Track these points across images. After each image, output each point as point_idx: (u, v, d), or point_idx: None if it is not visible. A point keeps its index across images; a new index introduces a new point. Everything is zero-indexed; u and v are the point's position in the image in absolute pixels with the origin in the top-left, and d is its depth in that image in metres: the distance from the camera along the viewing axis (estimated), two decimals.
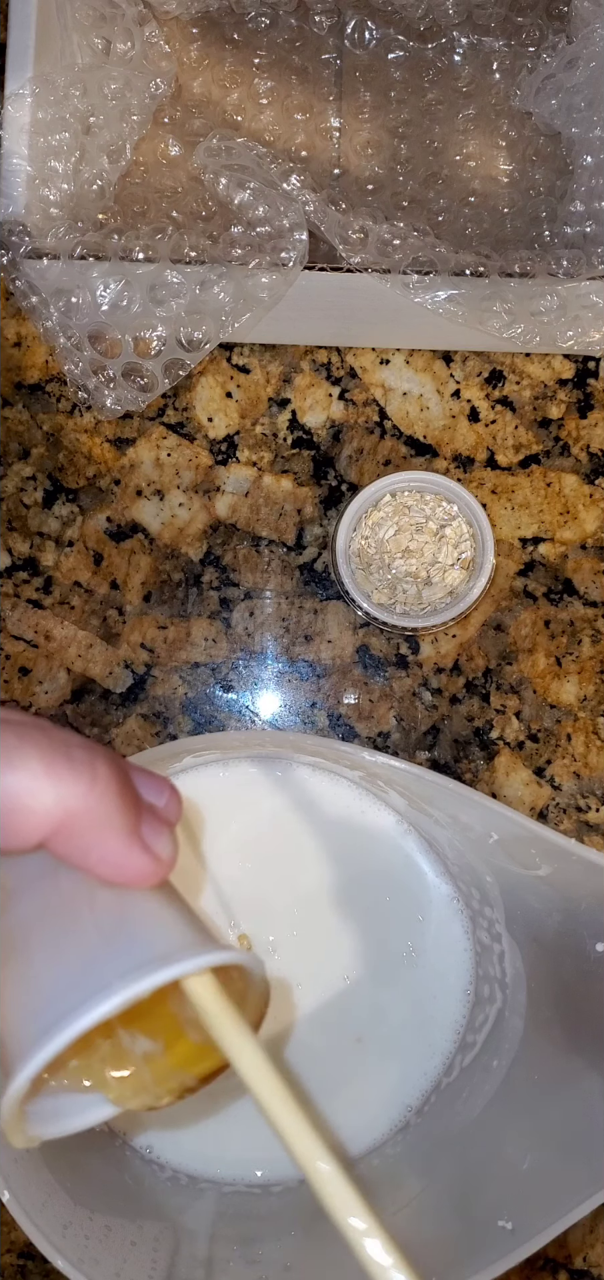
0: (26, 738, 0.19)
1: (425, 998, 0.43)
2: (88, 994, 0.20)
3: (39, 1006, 0.20)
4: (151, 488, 0.50)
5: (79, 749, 0.20)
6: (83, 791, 0.19)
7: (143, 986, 0.20)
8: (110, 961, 0.20)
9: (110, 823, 0.20)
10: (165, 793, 0.23)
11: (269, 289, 0.44)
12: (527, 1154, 0.36)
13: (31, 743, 0.19)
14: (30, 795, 0.18)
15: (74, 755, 0.19)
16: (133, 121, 0.48)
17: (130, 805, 0.21)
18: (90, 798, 0.19)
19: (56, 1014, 0.20)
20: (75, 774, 0.19)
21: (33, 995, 0.21)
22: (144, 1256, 0.35)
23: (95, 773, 0.19)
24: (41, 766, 0.19)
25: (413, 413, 0.50)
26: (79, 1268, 0.32)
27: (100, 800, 0.19)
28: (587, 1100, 0.36)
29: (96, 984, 0.20)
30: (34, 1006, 0.20)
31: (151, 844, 0.21)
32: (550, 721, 0.50)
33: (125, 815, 0.20)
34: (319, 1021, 0.43)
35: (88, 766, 0.19)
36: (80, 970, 0.20)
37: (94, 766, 0.20)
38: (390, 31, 0.51)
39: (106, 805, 0.20)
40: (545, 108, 0.49)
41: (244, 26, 0.52)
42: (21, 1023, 0.20)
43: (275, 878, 0.44)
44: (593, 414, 0.51)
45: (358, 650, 0.50)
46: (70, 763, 0.19)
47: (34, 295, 0.45)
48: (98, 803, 0.19)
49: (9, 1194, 0.32)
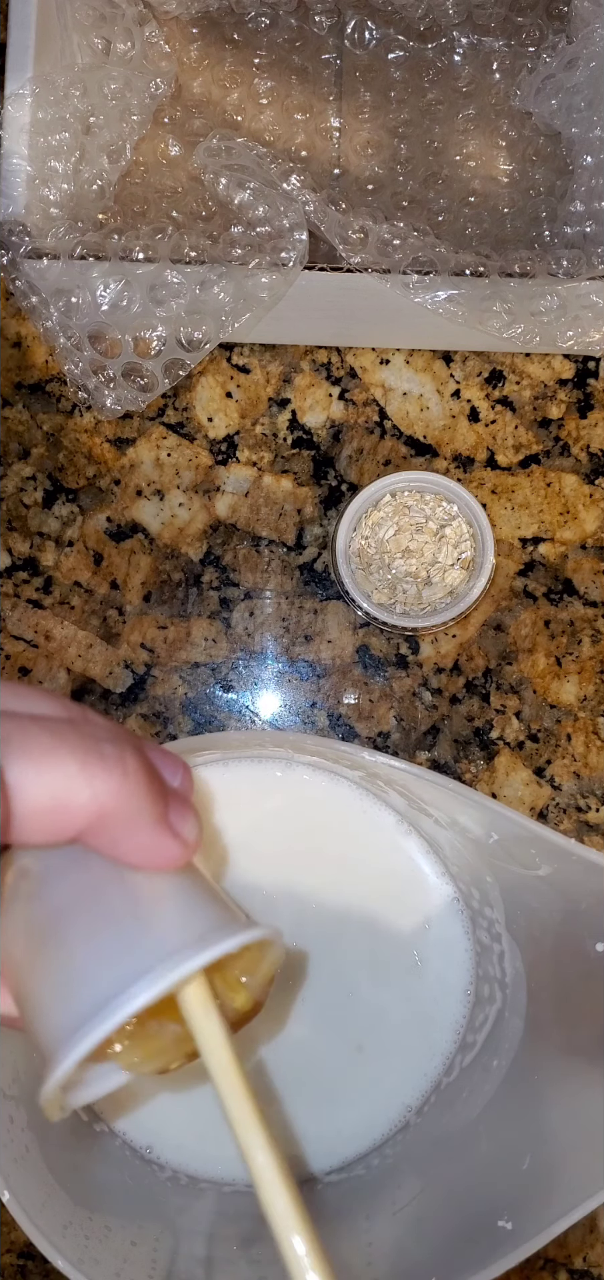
0: (60, 736, 0.19)
1: (425, 998, 0.43)
2: (130, 979, 0.20)
3: (79, 993, 0.21)
4: (151, 488, 0.50)
5: (109, 743, 0.20)
6: (115, 788, 0.20)
7: (183, 970, 0.21)
8: (148, 946, 0.21)
9: (141, 814, 0.20)
10: (180, 772, 0.23)
11: (269, 289, 0.44)
12: (527, 1154, 0.36)
13: (65, 742, 0.19)
14: (67, 794, 0.19)
15: (105, 751, 0.20)
16: (133, 121, 0.48)
17: (158, 794, 0.21)
18: (122, 793, 0.20)
19: (99, 999, 0.20)
20: (107, 771, 0.20)
21: (72, 982, 0.21)
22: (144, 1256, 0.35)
23: (125, 767, 0.20)
24: (76, 766, 0.19)
25: (413, 413, 0.50)
26: (79, 1268, 0.32)
27: (131, 794, 0.20)
28: (587, 1100, 0.36)
29: (138, 969, 0.20)
30: (73, 993, 0.21)
31: (179, 828, 0.22)
32: (550, 721, 0.50)
33: (154, 804, 0.21)
34: (319, 1022, 0.43)
35: (118, 762, 0.20)
36: (119, 956, 0.21)
37: (124, 761, 0.20)
38: (390, 31, 0.52)
39: (137, 798, 0.20)
40: (545, 108, 0.49)
41: (244, 26, 0.52)
42: (60, 1009, 0.21)
43: (275, 878, 0.44)
44: (593, 414, 0.51)
45: (358, 650, 0.50)
46: (102, 759, 0.20)
47: (34, 295, 0.45)
48: (129, 797, 0.20)
49: (9, 1194, 0.32)
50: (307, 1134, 0.42)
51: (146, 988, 0.20)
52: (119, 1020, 0.20)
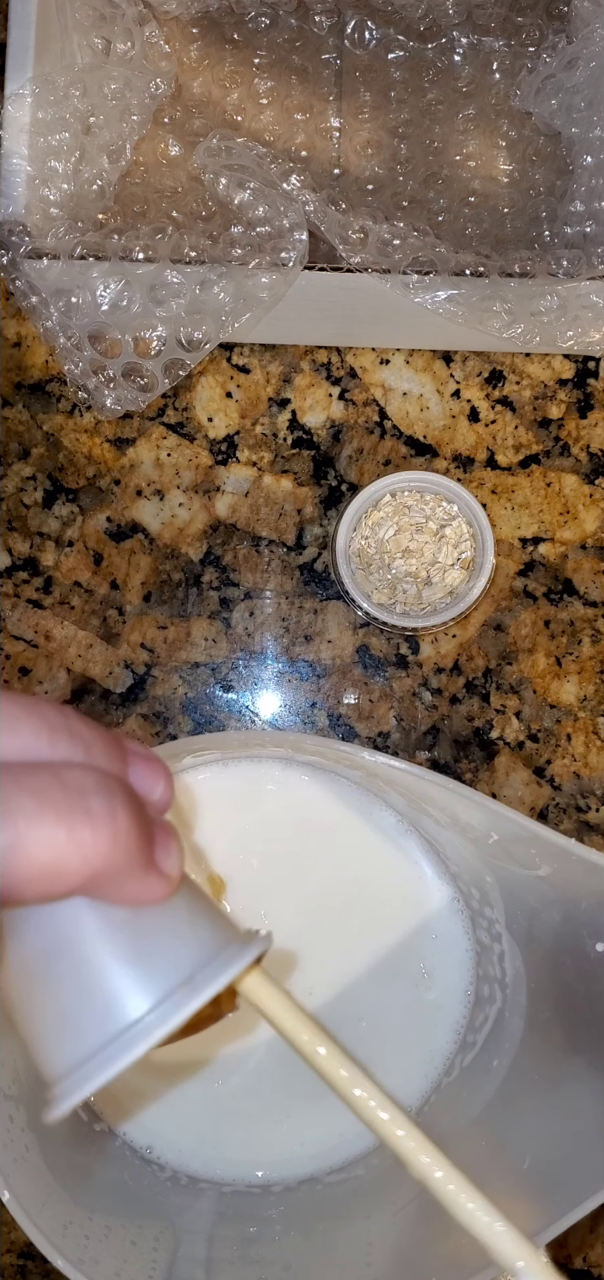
0: (45, 799, 0.18)
1: (426, 998, 0.43)
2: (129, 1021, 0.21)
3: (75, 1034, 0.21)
4: (151, 488, 0.50)
5: (96, 795, 0.19)
6: (105, 851, 0.19)
7: (185, 1013, 0.21)
8: (151, 982, 0.21)
9: (130, 868, 0.20)
10: (161, 781, 0.23)
11: (269, 289, 0.44)
12: (527, 1154, 0.36)
13: (51, 807, 0.18)
14: (56, 864, 0.18)
15: (93, 809, 0.19)
16: (133, 121, 0.48)
17: (145, 840, 0.20)
18: (112, 855, 0.19)
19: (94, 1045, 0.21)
20: (96, 834, 0.19)
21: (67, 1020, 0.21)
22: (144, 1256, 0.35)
23: (116, 827, 0.19)
24: (64, 833, 0.18)
25: (413, 413, 0.50)
26: (79, 1268, 0.32)
27: (122, 852, 0.19)
28: (587, 1100, 0.36)
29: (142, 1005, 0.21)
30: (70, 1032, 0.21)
31: (163, 866, 0.21)
32: (550, 721, 0.50)
33: (142, 853, 0.20)
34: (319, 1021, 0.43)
35: (108, 821, 0.19)
36: (120, 991, 0.21)
37: (114, 820, 0.19)
38: (390, 31, 0.51)
39: (128, 854, 0.20)
40: (545, 108, 0.49)
41: (244, 26, 0.52)
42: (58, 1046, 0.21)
43: (275, 878, 0.44)
44: (593, 414, 0.51)
45: (358, 650, 0.50)
46: (91, 821, 0.19)
47: (34, 295, 0.45)
48: (120, 855, 0.19)
49: (9, 1194, 0.32)
50: (307, 1134, 0.42)
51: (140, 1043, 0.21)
52: (121, 1069, 0.21)
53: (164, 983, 0.21)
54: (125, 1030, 0.21)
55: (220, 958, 0.22)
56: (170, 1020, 0.21)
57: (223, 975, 0.22)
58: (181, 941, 0.22)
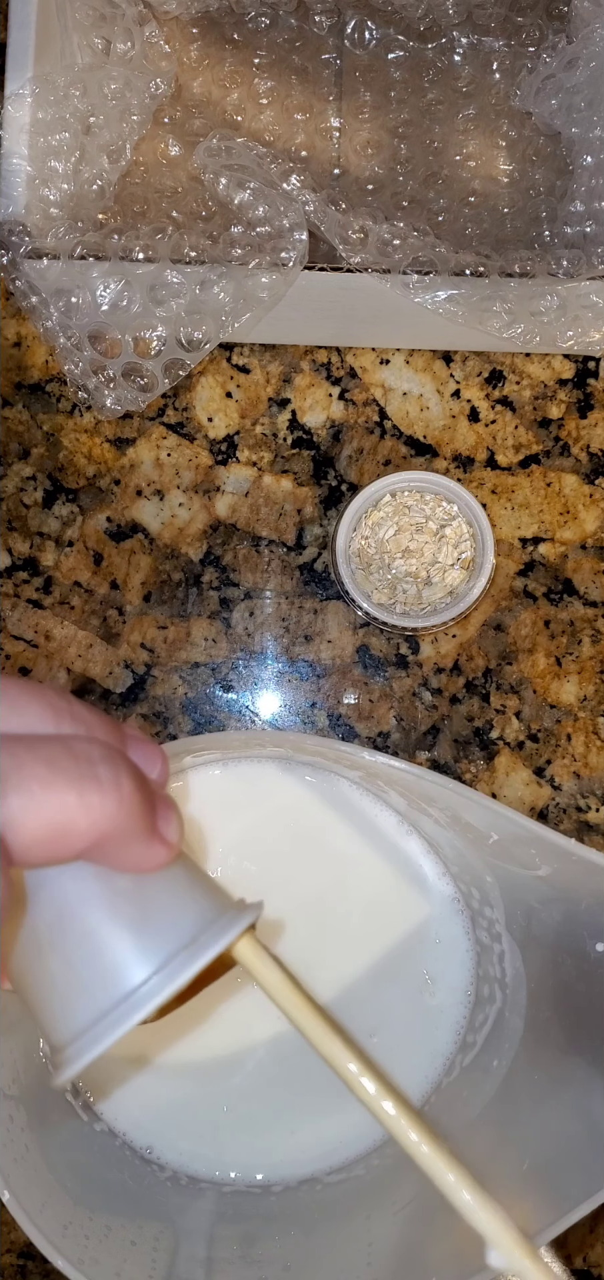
0: (56, 765, 0.19)
1: (426, 998, 0.43)
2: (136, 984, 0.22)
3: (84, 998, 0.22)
4: (151, 488, 0.50)
5: (103, 764, 0.20)
6: (112, 813, 0.20)
7: (189, 974, 0.22)
8: (155, 946, 0.22)
9: (134, 831, 0.21)
10: (158, 763, 0.24)
11: (269, 289, 0.44)
12: (527, 1154, 0.36)
13: (61, 772, 0.19)
14: (65, 825, 0.19)
15: (100, 775, 0.20)
16: (133, 121, 0.48)
17: (148, 807, 0.22)
18: (118, 817, 0.20)
19: (103, 1007, 0.22)
20: (104, 798, 0.20)
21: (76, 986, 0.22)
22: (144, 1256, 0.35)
23: (121, 792, 0.20)
24: (74, 796, 0.19)
25: (413, 413, 0.50)
26: (79, 1268, 0.32)
27: (127, 816, 0.20)
28: (587, 1100, 0.36)
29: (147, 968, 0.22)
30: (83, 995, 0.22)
31: (165, 833, 0.22)
32: (550, 721, 0.50)
33: (146, 819, 0.21)
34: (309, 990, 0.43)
35: (114, 787, 0.20)
36: (126, 956, 0.22)
37: (120, 785, 0.20)
38: (390, 31, 0.52)
39: (132, 818, 0.21)
40: (545, 108, 0.49)
41: (244, 26, 0.52)
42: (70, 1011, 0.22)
43: (275, 878, 0.44)
44: (593, 414, 0.51)
45: (358, 650, 0.50)
46: (99, 786, 0.20)
47: (34, 295, 0.45)
48: (125, 819, 0.20)
49: (9, 1194, 0.32)
50: (308, 1134, 0.42)
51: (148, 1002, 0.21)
52: (128, 1028, 0.21)
53: (167, 946, 0.22)
54: (132, 992, 0.22)
55: (219, 922, 0.23)
56: (175, 981, 0.22)
57: (222, 938, 0.23)
58: (182, 907, 0.23)
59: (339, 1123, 0.42)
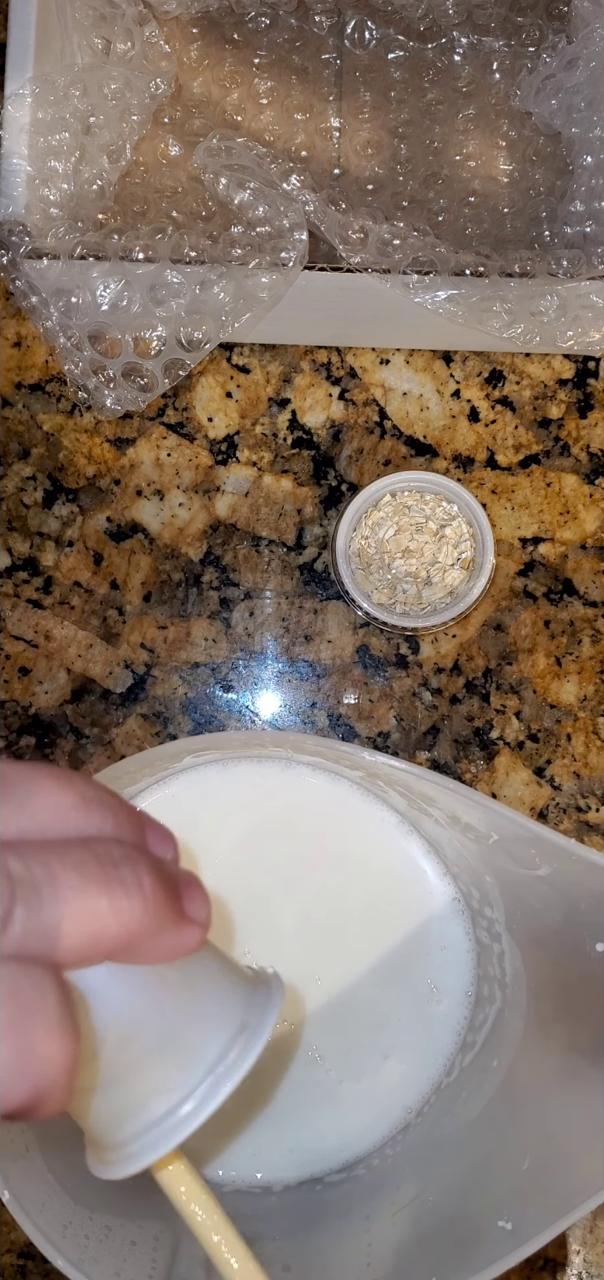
0: (86, 873, 0.20)
1: (426, 998, 0.43)
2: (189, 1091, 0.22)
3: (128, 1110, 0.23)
4: (151, 488, 0.50)
5: (125, 866, 0.21)
6: (139, 914, 0.21)
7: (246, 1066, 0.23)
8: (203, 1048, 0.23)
9: (163, 925, 0.21)
10: (171, 845, 0.24)
11: (269, 289, 0.44)
12: (527, 1154, 0.36)
13: (92, 880, 0.20)
14: (99, 933, 0.20)
15: (125, 878, 0.21)
16: (133, 121, 0.48)
17: (174, 895, 0.22)
18: (146, 916, 0.21)
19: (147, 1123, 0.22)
20: (130, 900, 0.20)
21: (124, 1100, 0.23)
22: (144, 1256, 0.35)
23: (144, 890, 0.21)
24: (106, 902, 0.20)
25: (413, 413, 0.50)
26: (79, 1268, 0.32)
27: (154, 913, 0.21)
28: (587, 1100, 0.36)
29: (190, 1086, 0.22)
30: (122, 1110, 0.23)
31: (194, 915, 0.23)
32: (550, 721, 0.50)
33: (173, 908, 0.22)
34: (320, 1023, 0.43)
35: (138, 887, 0.21)
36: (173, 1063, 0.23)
37: (142, 884, 0.21)
38: (390, 31, 0.52)
39: (159, 913, 0.21)
40: (545, 108, 0.49)
41: (244, 26, 0.52)
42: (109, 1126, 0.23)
43: (276, 878, 0.44)
44: (593, 414, 0.51)
45: (358, 650, 0.50)
46: (125, 889, 0.20)
47: (34, 295, 0.45)
48: (153, 916, 0.21)
49: (9, 1194, 0.32)
50: (308, 1135, 0.42)
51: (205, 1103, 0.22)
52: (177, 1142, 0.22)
53: (226, 1030, 0.23)
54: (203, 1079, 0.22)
55: (260, 992, 0.24)
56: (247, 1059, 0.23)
57: (272, 1010, 0.24)
58: (230, 985, 0.24)
59: (339, 1123, 0.42)
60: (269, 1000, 0.25)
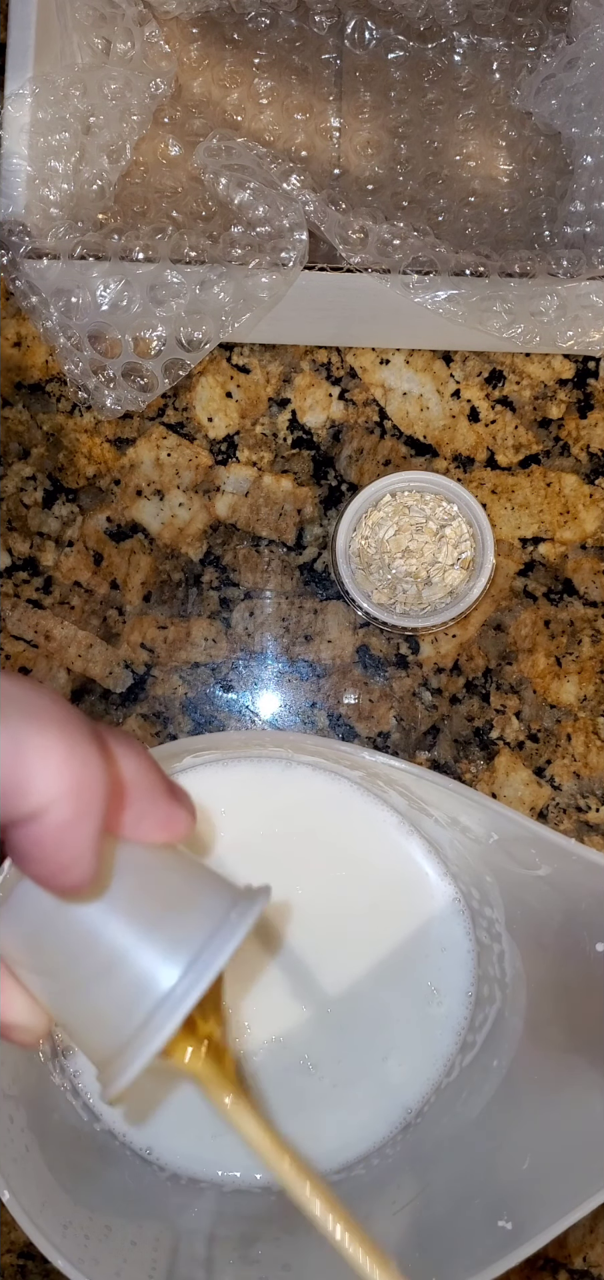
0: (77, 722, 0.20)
1: (426, 999, 0.43)
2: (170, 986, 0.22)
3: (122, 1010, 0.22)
4: (151, 488, 0.50)
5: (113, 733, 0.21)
6: (134, 762, 0.21)
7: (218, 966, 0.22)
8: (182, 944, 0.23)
9: (157, 786, 0.22)
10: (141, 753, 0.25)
11: (269, 289, 0.44)
12: (527, 1154, 0.36)
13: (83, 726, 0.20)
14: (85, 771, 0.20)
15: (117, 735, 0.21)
16: (133, 121, 0.48)
17: (162, 771, 0.23)
18: (140, 766, 0.22)
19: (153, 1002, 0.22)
20: (123, 748, 0.21)
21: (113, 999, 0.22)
22: (144, 1256, 0.35)
23: (134, 745, 0.22)
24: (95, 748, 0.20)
25: (413, 413, 0.50)
26: (79, 1268, 0.32)
27: (148, 768, 0.22)
28: (587, 1100, 0.36)
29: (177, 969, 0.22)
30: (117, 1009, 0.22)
31: (184, 800, 0.23)
32: (550, 721, 0.50)
33: (164, 777, 0.23)
34: (320, 1023, 0.43)
35: (128, 741, 0.22)
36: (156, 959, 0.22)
37: (130, 740, 0.22)
38: (390, 31, 0.51)
39: (152, 771, 0.22)
40: (545, 108, 0.49)
41: (244, 26, 0.52)
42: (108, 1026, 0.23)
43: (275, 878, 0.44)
44: (593, 414, 0.51)
45: (358, 650, 0.50)
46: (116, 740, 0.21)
47: (34, 295, 0.45)
48: (146, 770, 0.22)
49: (9, 1194, 0.32)
50: (308, 1135, 0.42)
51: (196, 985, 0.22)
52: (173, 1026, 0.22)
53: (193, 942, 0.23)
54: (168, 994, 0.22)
55: (237, 908, 0.24)
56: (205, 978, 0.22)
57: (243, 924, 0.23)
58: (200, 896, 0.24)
59: (339, 1123, 0.42)
60: (255, 896, 0.25)
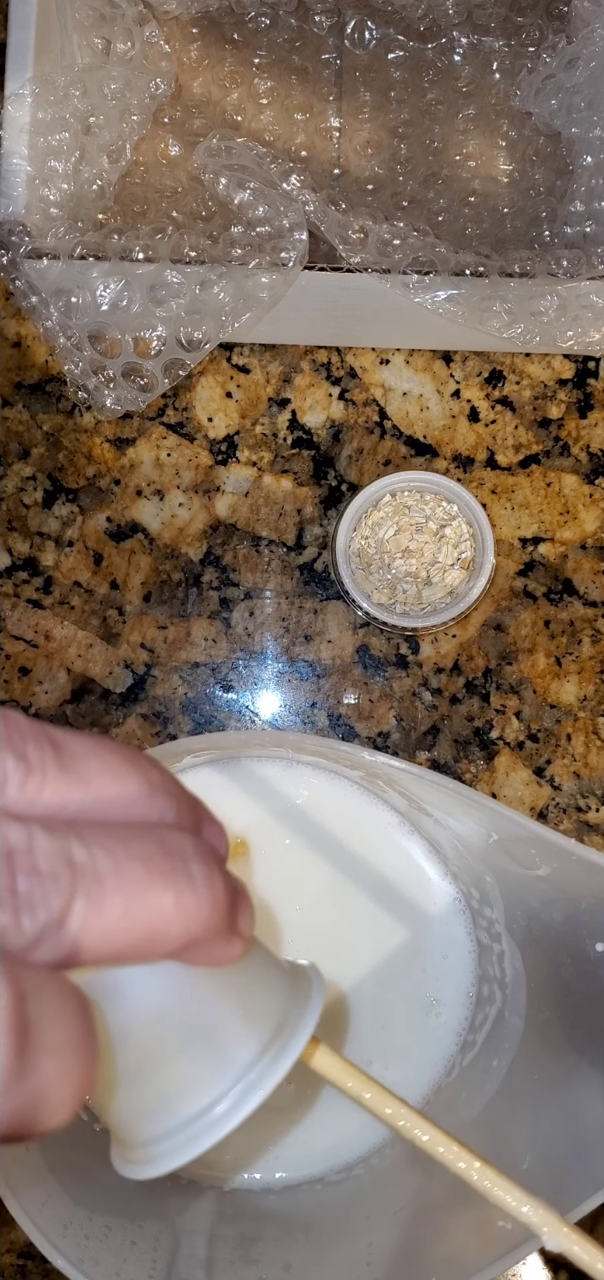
0: (153, 866, 0.18)
1: (427, 999, 0.43)
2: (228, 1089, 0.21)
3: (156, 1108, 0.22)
4: (151, 488, 0.50)
5: (197, 862, 0.19)
6: (205, 917, 0.19)
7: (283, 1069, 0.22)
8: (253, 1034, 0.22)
9: (219, 933, 0.20)
10: (225, 839, 0.23)
11: (269, 289, 0.44)
12: (527, 1154, 0.36)
13: (159, 874, 0.18)
14: (159, 932, 0.18)
15: (194, 876, 0.19)
16: (133, 121, 0.48)
17: (232, 905, 0.21)
18: (210, 922, 0.19)
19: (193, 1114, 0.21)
20: (198, 902, 0.19)
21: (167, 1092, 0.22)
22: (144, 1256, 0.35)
23: (214, 895, 0.19)
24: (171, 899, 0.18)
25: (413, 413, 0.50)
26: (79, 1268, 0.32)
27: (218, 920, 0.20)
28: (587, 1100, 0.36)
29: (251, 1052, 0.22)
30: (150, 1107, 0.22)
31: (243, 929, 0.21)
32: (550, 721, 0.50)
33: (231, 918, 0.20)
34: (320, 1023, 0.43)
35: (208, 889, 0.19)
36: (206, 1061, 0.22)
37: (213, 887, 0.19)
38: (390, 31, 0.51)
39: (221, 920, 0.20)
40: (545, 108, 0.49)
41: (244, 26, 0.52)
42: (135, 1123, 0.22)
43: (275, 879, 0.44)
44: (593, 414, 0.51)
45: (358, 650, 0.50)
46: (193, 889, 0.19)
47: (34, 295, 0.45)
48: (216, 923, 0.20)
49: (9, 1194, 0.32)
50: (308, 1134, 0.42)
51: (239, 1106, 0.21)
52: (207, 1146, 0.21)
53: (263, 1033, 0.22)
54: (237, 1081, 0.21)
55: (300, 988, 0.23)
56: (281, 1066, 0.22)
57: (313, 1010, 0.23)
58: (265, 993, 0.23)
59: (339, 1123, 0.42)
60: (309, 999, 0.24)
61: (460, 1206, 0.37)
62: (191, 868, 0.19)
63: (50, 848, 0.17)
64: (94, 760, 0.19)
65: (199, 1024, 0.21)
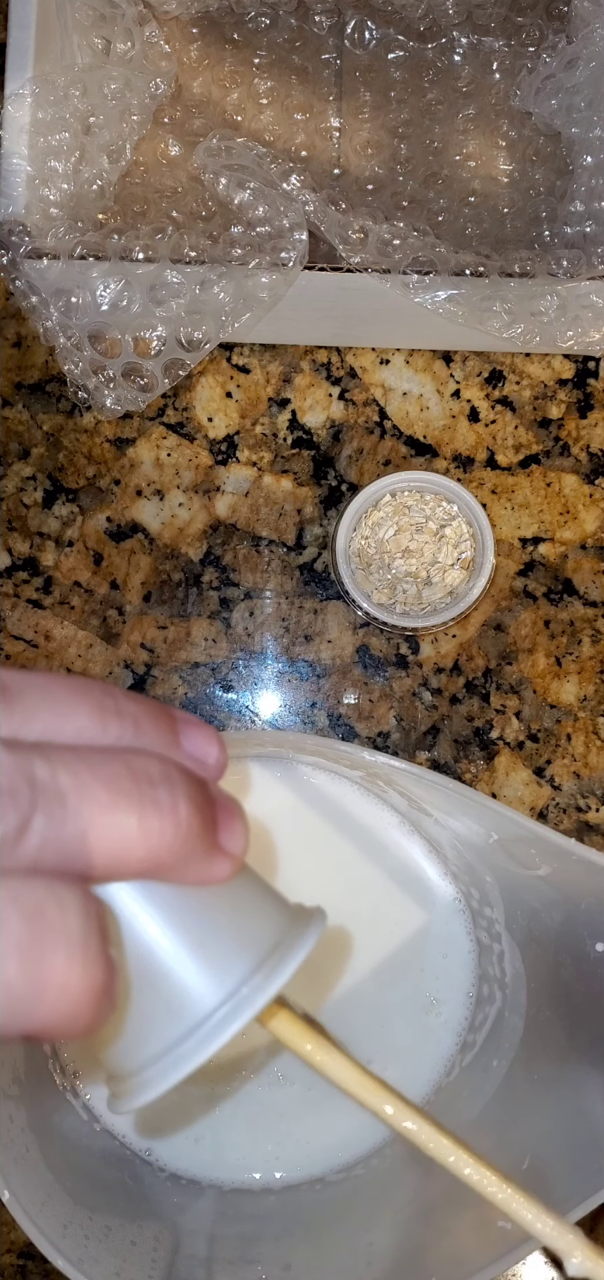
0: (117, 787, 0.18)
1: (426, 999, 0.43)
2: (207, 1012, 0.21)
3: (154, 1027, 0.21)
4: (151, 488, 0.50)
5: (162, 785, 0.19)
6: (169, 842, 0.19)
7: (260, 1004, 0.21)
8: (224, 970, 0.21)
9: (194, 854, 0.20)
10: (214, 747, 0.23)
11: (269, 289, 0.44)
12: (527, 1154, 0.36)
13: (122, 795, 0.18)
14: (123, 853, 0.18)
15: (159, 799, 0.19)
16: (133, 121, 0.48)
17: (209, 822, 0.21)
18: (175, 844, 0.19)
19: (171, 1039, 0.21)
20: (162, 822, 0.19)
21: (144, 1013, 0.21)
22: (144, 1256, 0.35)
23: (178, 816, 0.19)
24: (135, 822, 0.18)
25: (413, 413, 0.50)
26: (79, 1268, 0.32)
27: (185, 841, 0.19)
28: (587, 1100, 0.36)
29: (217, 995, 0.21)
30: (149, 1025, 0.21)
31: (229, 847, 0.21)
32: (550, 721, 0.50)
33: (206, 837, 0.20)
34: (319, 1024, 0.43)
35: (172, 811, 0.19)
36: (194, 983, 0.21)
37: (177, 809, 0.19)
38: (390, 31, 0.51)
39: (191, 843, 0.20)
40: (545, 108, 0.49)
41: (244, 26, 0.52)
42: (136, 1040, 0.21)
43: (277, 880, 0.44)
44: (593, 414, 0.51)
45: (358, 650, 0.50)
46: (158, 811, 0.19)
47: (34, 295, 0.45)
48: (183, 844, 0.19)
49: (9, 1194, 0.32)
50: (308, 1135, 0.42)
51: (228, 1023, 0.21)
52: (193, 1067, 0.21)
53: (236, 971, 0.22)
54: (203, 1022, 0.21)
55: (287, 937, 0.23)
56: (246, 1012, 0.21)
57: (293, 959, 0.22)
58: (248, 922, 0.23)
59: (339, 1123, 0.42)
60: (308, 925, 0.23)
61: (460, 1207, 0.37)
62: (157, 791, 0.19)
63: (10, 764, 0.17)
64: (38, 693, 0.19)
65: (184, 942, 0.21)
